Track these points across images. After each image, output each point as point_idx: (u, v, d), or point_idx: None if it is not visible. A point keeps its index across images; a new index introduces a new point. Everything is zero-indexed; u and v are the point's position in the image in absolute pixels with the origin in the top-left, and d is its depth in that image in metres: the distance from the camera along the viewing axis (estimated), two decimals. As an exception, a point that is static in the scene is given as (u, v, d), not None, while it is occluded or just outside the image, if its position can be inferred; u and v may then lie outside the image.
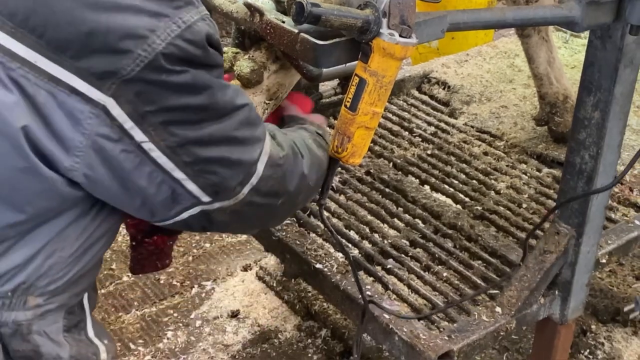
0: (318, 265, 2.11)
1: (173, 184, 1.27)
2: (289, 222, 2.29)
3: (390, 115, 2.94)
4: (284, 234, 2.22)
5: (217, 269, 3.33)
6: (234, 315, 3.05)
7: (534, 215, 2.40)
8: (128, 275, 3.26)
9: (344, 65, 1.53)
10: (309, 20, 1.31)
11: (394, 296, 2.07)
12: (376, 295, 2.02)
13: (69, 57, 1.15)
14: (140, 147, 1.21)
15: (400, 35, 1.39)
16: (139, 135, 1.20)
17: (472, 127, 2.89)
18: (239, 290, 3.16)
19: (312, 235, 2.27)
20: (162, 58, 1.16)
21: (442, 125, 2.90)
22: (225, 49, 1.70)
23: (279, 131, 1.51)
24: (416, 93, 3.14)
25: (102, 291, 3.18)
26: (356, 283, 1.81)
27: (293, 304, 3.04)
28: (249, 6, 1.56)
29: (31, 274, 1.28)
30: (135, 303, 3.14)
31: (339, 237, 1.76)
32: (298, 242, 2.19)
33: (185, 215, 1.33)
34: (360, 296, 1.88)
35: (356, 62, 1.46)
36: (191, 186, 1.28)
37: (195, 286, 3.23)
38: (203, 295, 3.18)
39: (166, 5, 1.19)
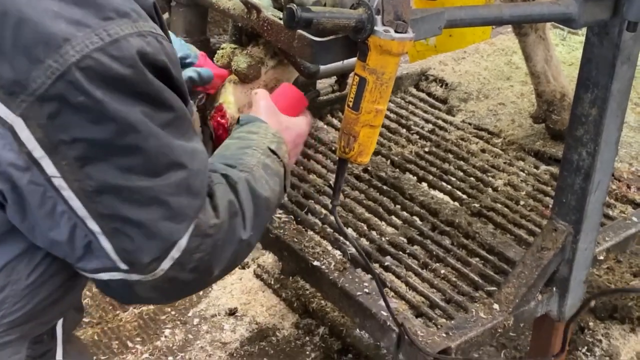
0: (316, 263, 2.11)
1: (88, 233, 1.10)
2: (286, 219, 2.29)
3: (387, 112, 2.93)
4: (281, 231, 2.22)
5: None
6: (232, 313, 3.05)
7: (531, 213, 2.40)
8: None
9: (341, 62, 1.53)
10: (300, 25, 1.31)
11: (392, 293, 2.07)
12: (374, 292, 2.02)
13: None
14: (51, 182, 1.05)
15: (396, 31, 1.39)
16: (50, 167, 1.04)
17: (470, 124, 2.89)
18: (237, 288, 3.16)
19: (310, 232, 2.27)
20: (77, 72, 1.01)
21: (440, 122, 2.90)
22: (223, 45, 1.70)
23: (220, 183, 1.26)
24: (414, 90, 3.13)
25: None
26: (387, 308, 1.78)
27: (291, 302, 3.04)
28: (246, 3, 1.56)
29: None
30: (133, 301, 3.13)
31: (355, 243, 1.75)
32: (295, 240, 2.19)
33: (105, 276, 1.15)
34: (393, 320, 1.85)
35: (354, 58, 1.46)
36: (106, 245, 1.11)
37: (193, 284, 3.22)
38: (200, 293, 3.17)
39: (91, 14, 1.04)
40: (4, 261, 1.16)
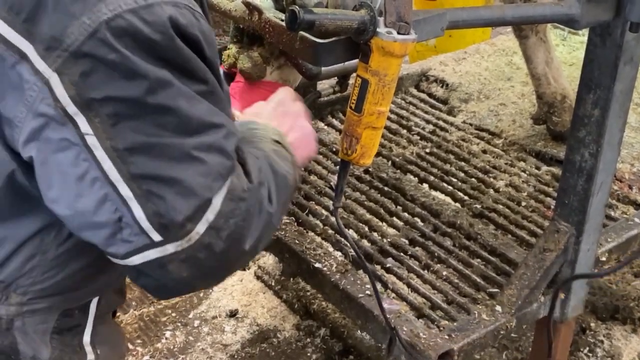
0: (317, 265, 2.10)
1: (119, 203, 1.08)
2: (287, 221, 2.28)
3: (388, 113, 2.91)
4: (282, 233, 2.21)
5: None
6: (233, 314, 3.04)
7: (533, 213, 2.39)
8: (126, 275, 3.25)
9: (343, 63, 1.53)
10: (302, 27, 1.30)
11: (393, 295, 2.06)
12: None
13: (22, 20, 1.05)
14: (84, 141, 1.05)
15: (399, 33, 1.38)
16: (84, 124, 1.05)
17: (471, 125, 2.88)
18: (238, 290, 3.15)
19: (311, 234, 2.26)
20: (107, 30, 1.02)
21: (441, 123, 2.90)
22: (229, 45, 1.69)
23: (250, 154, 1.25)
24: (414, 91, 3.13)
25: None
26: (380, 309, 1.78)
27: (292, 303, 3.03)
28: (247, 4, 1.55)
29: (10, 273, 1.21)
30: (134, 303, 3.12)
31: (355, 246, 1.75)
32: (297, 241, 2.18)
33: (137, 259, 1.11)
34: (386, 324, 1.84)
35: (356, 60, 1.46)
36: (139, 212, 1.08)
37: (194, 286, 3.22)
38: (201, 294, 3.17)
39: None
40: (33, 230, 1.18)
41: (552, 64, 2.61)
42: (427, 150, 2.72)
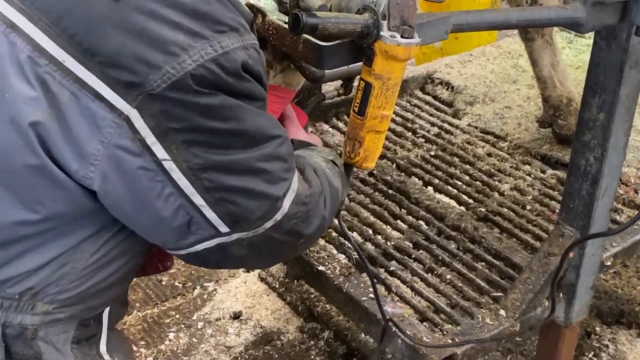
0: (320, 268, 2.10)
1: (191, 210, 1.22)
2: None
3: (393, 116, 2.92)
4: (286, 235, 2.20)
5: (219, 270, 3.31)
6: (236, 316, 3.03)
7: (537, 217, 2.38)
8: (130, 276, 3.25)
9: (347, 66, 1.52)
10: (305, 30, 1.30)
11: (397, 298, 2.06)
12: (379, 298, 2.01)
13: (97, 63, 1.12)
14: (161, 165, 1.17)
15: (402, 36, 1.38)
16: (160, 152, 1.16)
17: (476, 127, 2.87)
18: (241, 292, 3.15)
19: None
20: (190, 79, 1.12)
21: (446, 126, 2.89)
22: None
23: (308, 165, 1.44)
24: (420, 93, 3.12)
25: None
26: (377, 302, 1.82)
27: (295, 306, 3.03)
28: (251, 7, 1.54)
29: (41, 280, 1.25)
30: (137, 304, 3.12)
31: (358, 248, 1.75)
32: (300, 244, 2.17)
33: (200, 247, 1.27)
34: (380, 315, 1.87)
35: (360, 63, 1.45)
36: (210, 214, 1.22)
37: (197, 287, 3.22)
38: (205, 296, 3.17)
39: (207, 26, 1.15)
40: (75, 242, 1.25)
41: (558, 67, 2.60)
42: (432, 153, 2.71)
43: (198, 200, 1.20)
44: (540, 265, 2.02)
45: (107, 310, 1.38)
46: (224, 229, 1.25)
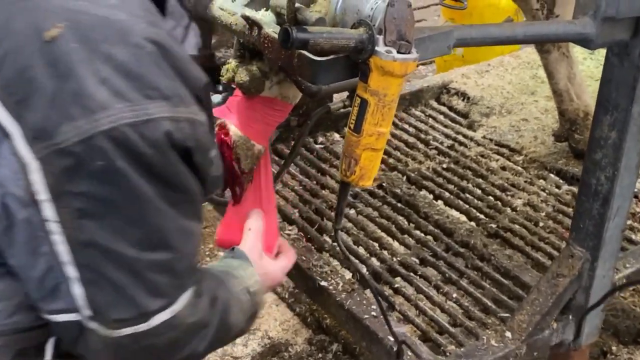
0: (323, 283, 2.05)
1: (61, 276, 1.13)
2: (295, 236, 2.24)
3: (406, 126, 2.87)
4: (290, 249, 2.16)
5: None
6: (245, 326, 2.99)
7: (550, 235, 2.31)
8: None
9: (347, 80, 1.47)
10: (295, 46, 1.25)
11: (400, 317, 2.01)
12: (382, 316, 1.95)
13: (14, 101, 1.06)
14: (45, 224, 1.09)
15: (399, 52, 1.33)
16: (49, 211, 1.08)
17: (491, 140, 2.81)
18: (250, 301, 3.11)
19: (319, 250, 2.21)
20: (103, 140, 1.05)
21: (460, 137, 2.83)
22: (229, 60, 1.65)
23: (209, 293, 1.32)
24: (434, 104, 3.06)
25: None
26: (387, 324, 1.76)
27: (304, 317, 2.98)
28: (246, 19, 1.50)
29: None
30: (146, 312, 3.10)
31: (361, 269, 1.71)
32: (304, 258, 2.13)
33: (61, 318, 1.16)
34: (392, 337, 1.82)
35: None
36: (78, 291, 1.13)
37: (207, 296, 3.19)
38: (214, 305, 3.13)
39: (136, 88, 1.08)
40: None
41: (575, 79, 2.53)
42: (444, 165, 2.65)
43: (70, 271, 1.12)
44: (548, 287, 1.96)
45: (52, 339, 1.29)
46: (86, 312, 1.15)
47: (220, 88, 1.75)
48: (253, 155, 1.57)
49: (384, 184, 2.51)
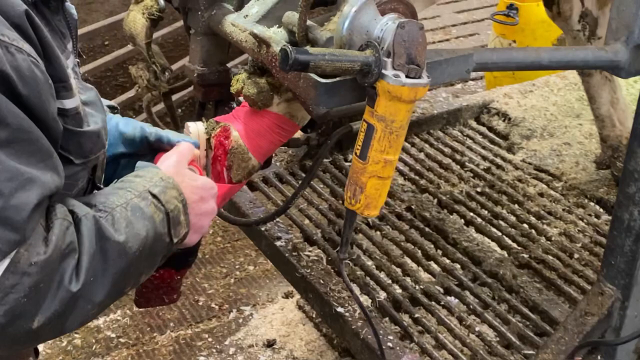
0: (339, 309, 1.97)
1: None
2: (315, 258, 2.16)
3: (442, 146, 2.77)
4: (308, 270, 2.09)
5: (258, 293, 3.23)
6: (270, 344, 2.93)
7: (585, 268, 2.19)
8: (168, 294, 3.20)
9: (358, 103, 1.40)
10: (294, 68, 1.18)
11: (417, 349, 1.92)
12: (398, 348, 1.87)
13: None
14: None
15: (407, 76, 1.25)
16: None
17: (530, 164, 2.70)
18: (277, 319, 3.04)
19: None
20: None
21: (498, 160, 2.72)
22: (240, 71, 1.59)
23: (62, 219, 1.09)
24: (474, 124, 2.96)
25: (140, 309, 3.12)
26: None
27: (331, 338, 2.91)
28: (255, 36, 1.44)
29: None
30: (171, 324, 3.06)
31: (360, 300, 1.62)
32: (322, 282, 2.06)
33: None
34: None
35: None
36: None
37: (234, 310, 3.13)
38: (240, 320, 3.08)
39: None
40: None
41: (618, 105, 2.40)
42: (479, 189, 2.54)
43: None
44: (575, 325, 1.85)
45: None
46: None
47: (234, 105, 1.69)
48: (246, 167, 1.50)
49: (413, 207, 2.42)
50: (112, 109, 1.49)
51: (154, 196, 1.21)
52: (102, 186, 1.27)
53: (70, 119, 1.13)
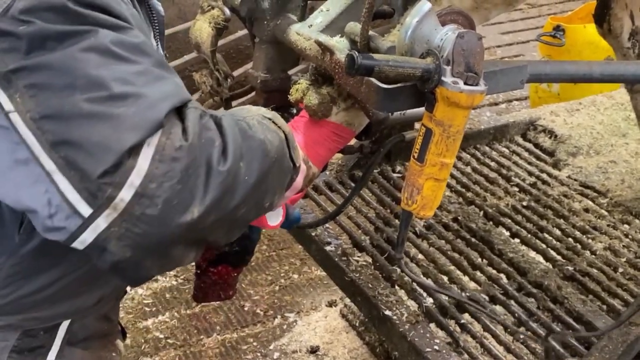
0: (387, 312, 2.03)
1: (46, 181, 1.02)
2: (364, 263, 2.23)
3: (488, 161, 2.82)
4: (357, 275, 2.16)
5: (302, 301, 3.30)
6: (313, 351, 3.00)
7: (629, 282, 2.22)
8: (215, 299, 3.28)
9: (416, 109, 1.47)
10: (360, 72, 1.26)
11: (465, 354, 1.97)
12: (444, 351, 1.92)
13: None
14: (9, 119, 1.01)
15: (466, 83, 1.31)
16: (6, 102, 1.01)
17: (576, 180, 2.73)
18: (321, 326, 3.11)
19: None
20: (18, 2, 1.00)
21: (544, 176, 2.76)
22: (299, 80, 1.67)
23: (195, 108, 1.09)
24: (520, 140, 3.00)
25: (188, 312, 3.21)
26: None
27: (374, 347, 2.96)
28: (319, 44, 1.52)
29: None
30: (218, 327, 3.14)
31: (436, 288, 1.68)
32: (370, 286, 2.12)
33: (78, 245, 1.03)
34: None
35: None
36: (63, 183, 1.00)
37: (278, 317, 3.21)
38: (285, 327, 3.15)
39: None
40: None
41: (666, 123, 2.44)
42: (524, 203, 2.59)
43: (48, 163, 1.01)
44: (620, 334, 1.88)
45: (65, 323, 1.28)
46: (84, 209, 1.00)
47: (294, 111, 1.77)
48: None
49: (459, 218, 2.47)
50: None
51: (269, 119, 1.23)
52: None
53: None
